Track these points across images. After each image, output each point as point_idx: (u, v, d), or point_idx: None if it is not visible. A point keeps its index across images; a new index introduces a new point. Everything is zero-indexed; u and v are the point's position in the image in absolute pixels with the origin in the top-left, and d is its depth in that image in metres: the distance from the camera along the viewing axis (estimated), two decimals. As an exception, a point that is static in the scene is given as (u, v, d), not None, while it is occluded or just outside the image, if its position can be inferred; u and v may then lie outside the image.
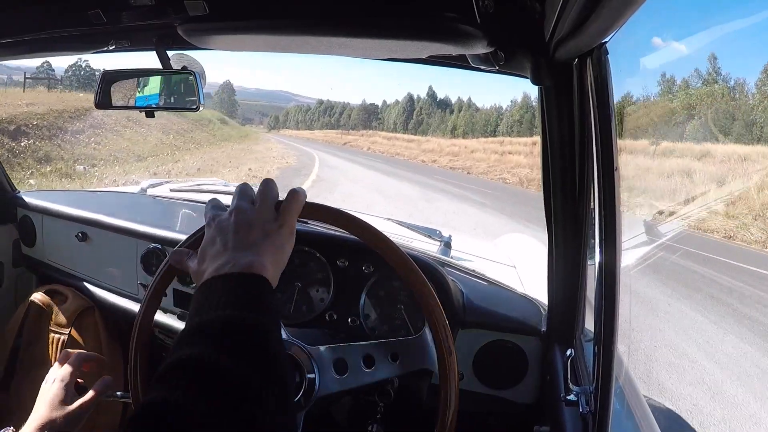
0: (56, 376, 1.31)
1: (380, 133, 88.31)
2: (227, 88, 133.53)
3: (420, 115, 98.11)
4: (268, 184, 1.00)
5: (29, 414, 1.25)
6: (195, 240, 1.06)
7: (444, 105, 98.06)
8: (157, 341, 2.00)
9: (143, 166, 22.44)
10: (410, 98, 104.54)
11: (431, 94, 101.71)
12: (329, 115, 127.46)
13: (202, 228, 0.98)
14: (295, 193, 0.99)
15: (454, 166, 42.71)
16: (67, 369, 1.32)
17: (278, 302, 0.78)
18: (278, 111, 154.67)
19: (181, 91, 1.52)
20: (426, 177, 28.92)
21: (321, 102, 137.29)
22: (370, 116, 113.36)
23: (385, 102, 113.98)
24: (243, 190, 0.99)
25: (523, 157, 41.42)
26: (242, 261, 0.84)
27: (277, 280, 0.87)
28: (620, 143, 0.97)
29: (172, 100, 1.53)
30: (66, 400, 1.26)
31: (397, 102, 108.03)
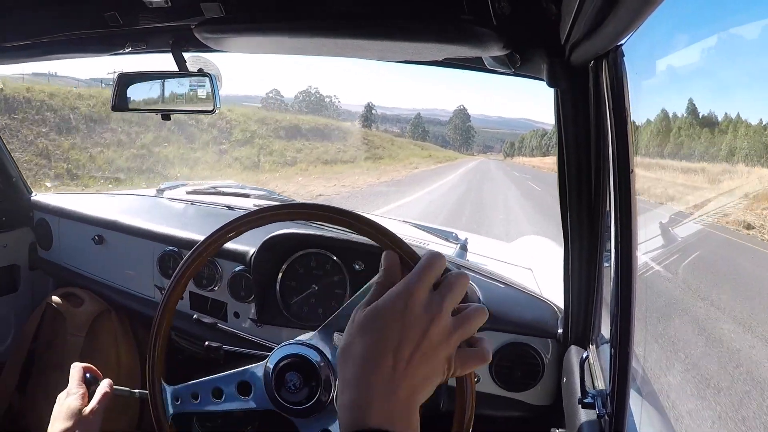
0: (66, 391, 1.28)
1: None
2: (461, 114, 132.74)
3: (679, 137, 78.06)
4: (475, 307, 0.68)
5: (44, 416, 1.24)
6: (408, 256, 0.88)
7: (710, 123, 73.81)
8: (173, 344, 2.00)
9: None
10: (665, 116, 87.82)
11: (691, 109, 76.68)
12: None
13: (418, 257, 0.75)
14: (486, 353, 0.68)
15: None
16: (72, 382, 1.29)
17: None
18: (516, 138, 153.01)
19: (197, 94, 1.53)
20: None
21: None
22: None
23: (633, 122, 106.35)
24: (465, 285, 0.67)
25: None
26: (414, 418, 0.62)
27: None
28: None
29: (189, 103, 1.54)
30: (77, 410, 1.24)
31: (648, 121, 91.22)
